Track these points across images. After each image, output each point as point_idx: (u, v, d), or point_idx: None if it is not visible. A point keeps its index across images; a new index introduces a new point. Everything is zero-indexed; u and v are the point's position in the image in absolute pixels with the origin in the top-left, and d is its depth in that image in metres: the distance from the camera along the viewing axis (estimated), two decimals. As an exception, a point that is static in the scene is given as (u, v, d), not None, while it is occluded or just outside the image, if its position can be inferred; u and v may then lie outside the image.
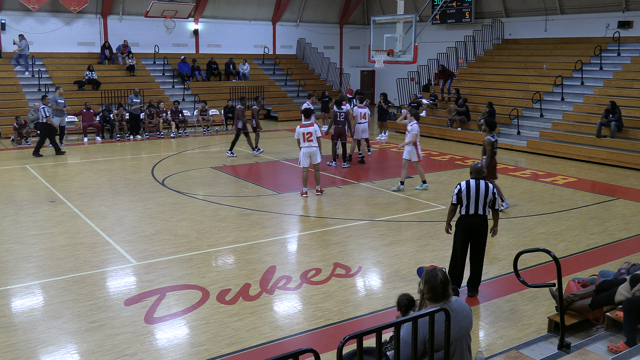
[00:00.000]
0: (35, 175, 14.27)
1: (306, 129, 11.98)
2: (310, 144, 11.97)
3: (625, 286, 5.76)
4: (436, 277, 3.97)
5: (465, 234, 7.13)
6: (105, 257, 8.63)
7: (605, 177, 14.65)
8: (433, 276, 3.98)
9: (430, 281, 3.97)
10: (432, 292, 3.96)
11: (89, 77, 23.28)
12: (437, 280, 3.96)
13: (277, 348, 5.97)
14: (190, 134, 21.74)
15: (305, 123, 12.07)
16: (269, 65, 29.13)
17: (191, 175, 14.51)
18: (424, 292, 4.02)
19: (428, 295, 3.98)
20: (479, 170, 7.14)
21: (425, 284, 3.99)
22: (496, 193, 7.14)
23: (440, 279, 3.97)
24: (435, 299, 3.95)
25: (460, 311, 4.03)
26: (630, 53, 20.21)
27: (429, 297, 3.98)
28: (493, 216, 7.29)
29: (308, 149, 11.99)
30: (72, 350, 5.92)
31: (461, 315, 4.02)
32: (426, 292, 3.99)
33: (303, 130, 11.98)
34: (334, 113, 15.27)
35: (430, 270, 4.05)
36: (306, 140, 11.96)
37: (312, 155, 12.04)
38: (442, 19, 26.91)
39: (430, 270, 4.07)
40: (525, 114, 19.96)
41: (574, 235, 9.82)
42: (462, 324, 4.01)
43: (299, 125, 12.12)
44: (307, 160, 12.06)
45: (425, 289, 3.99)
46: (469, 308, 4.20)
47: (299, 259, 8.80)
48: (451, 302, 3.99)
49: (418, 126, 12.61)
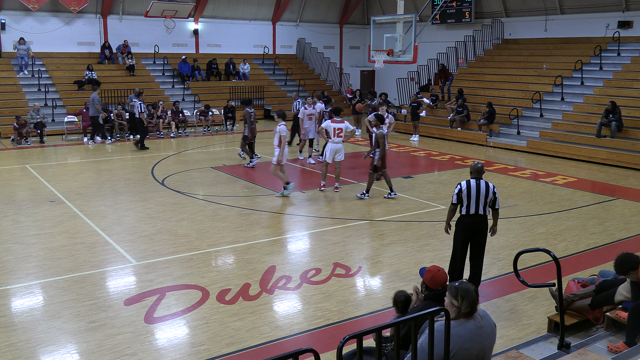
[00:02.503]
0: (35, 175, 14.27)
1: (337, 125, 12.40)
2: (339, 140, 12.41)
3: (625, 286, 5.76)
4: (470, 291, 3.79)
5: (466, 233, 7.12)
6: (105, 257, 8.63)
7: (605, 177, 14.65)
8: (467, 290, 3.79)
9: (469, 296, 3.76)
10: (471, 306, 3.77)
11: (89, 77, 23.28)
12: (473, 294, 3.79)
13: (277, 348, 5.98)
14: (190, 134, 21.74)
15: (337, 119, 12.49)
16: (269, 65, 29.13)
17: (191, 175, 14.51)
18: (460, 308, 3.78)
19: (467, 309, 3.77)
20: (479, 170, 7.13)
21: (463, 299, 3.76)
22: (496, 193, 7.14)
23: (475, 289, 3.81)
24: (472, 313, 3.77)
25: (487, 328, 3.88)
26: (630, 53, 20.21)
27: (468, 311, 3.77)
28: (493, 216, 7.28)
29: (336, 144, 12.40)
30: (72, 350, 5.92)
31: (486, 333, 3.87)
32: (464, 307, 3.77)
33: (335, 125, 12.39)
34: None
35: (463, 286, 3.83)
36: (336, 136, 12.38)
37: (338, 151, 12.43)
38: (442, 19, 26.91)
39: (460, 285, 3.84)
40: (525, 114, 19.96)
41: (574, 235, 9.83)
42: (487, 343, 3.86)
43: (329, 120, 12.56)
44: (332, 155, 12.42)
45: (464, 305, 3.76)
46: (494, 324, 4.03)
47: (298, 259, 8.80)
48: (480, 317, 3.84)
49: (285, 127, 12.00)
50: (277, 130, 12.04)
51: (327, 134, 12.44)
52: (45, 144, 19.12)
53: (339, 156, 12.49)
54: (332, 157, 12.46)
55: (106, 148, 18.74)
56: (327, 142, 12.53)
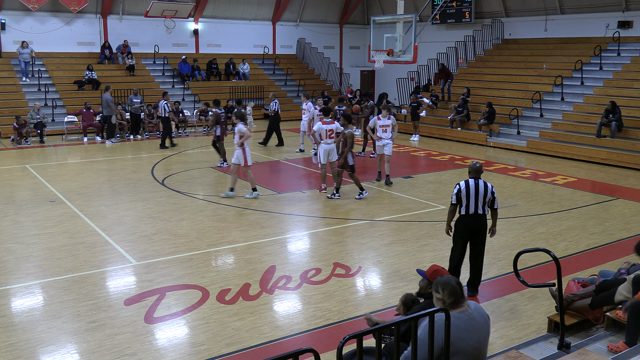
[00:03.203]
0: (35, 175, 14.27)
1: (328, 126, 12.35)
2: (331, 141, 12.37)
3: (625, 286, 5.75)
4: (450, 282, 3.86)
5: (465, 233, 7.13)
6: (105, 257, 8.63)
7: (605, 177, 14.65)
8: (447, 282, 3.86)
9: (448, 287, 3.83)
10: (454, 295, 3.82)
11: (89, 77, 23.28)
12: (453, 282, 3.84)
13: (277, 348, 5.97)
14: (190, 134, 21.74)
15: (327, 120, 12.45)
16: (269, 65, 29.13)
17: (191, 175, 14.51)
18: (444, 300, 3.84)
19: (450, 300, 3.82)
20: (477, 170, 7.13)
21: (444, 290, 3.83)
22: (495, 192, 7.14)
23: (455, 280, 3.88)
24: (457, 301, 3.81)
25: (479, 318, 3.90)
26: (630, 53, 20.21)
27: (451, 302, 3.82)
28: (492, 216, 7.27)
29: (329, 145, 12.37)
30: (72, 350, 5.92)
31: (480, 323, 3.89)
32: (447, 298, 3.82)
33: (326, 127, 12.33)
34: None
35: (442, 278, 3.92)
36: (328, 137, 12.35)
37: (330, 152, 12.39)
38: (442, 19, 26.90)
39: (440, 278, 3.94)
40: (525, 114, 19.96)
41: (574, 235, 9.83)
42: (482, 333, 3.89)
43: (320, 122, 12.47)
44: (325, 156, 12.41)
45: (446, 296, 3.82)
46: (487, 315, 4.06)
47: (299, 258, 8.80)
48: (471, 309, 3.87)
49: (244, 127, 11.75)
50: (236, 131, 11.82)
51: (320, 137, 12.39)
52: (45, 144, 19.12)
53: (332, 157, 12.41)
54: (326, 158, 12.43)
55: (106, 148, 18.73)
56: (320, 143, 12.46)
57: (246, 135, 11.73)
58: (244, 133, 11.72)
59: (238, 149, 11.79)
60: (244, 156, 11.78)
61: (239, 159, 11.85)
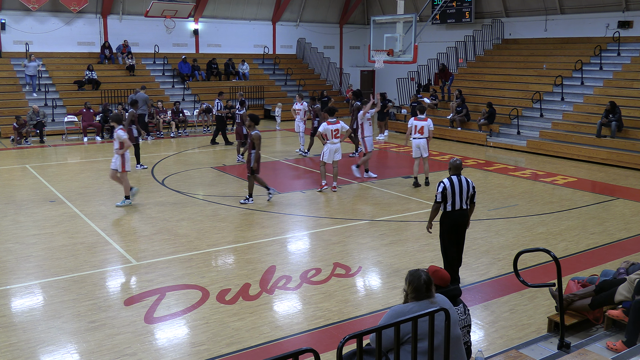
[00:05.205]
0: (35, 175, 14.27)
1: (334, 126, 12.50)
2: (337, 141, 12.53)
3: (625, 286, 5.76)
4: (420, 277, 4.10)
5: (451, 228, 7.41)
6: (105, 257, 8.63)
7: (605, 177, 14.65)
8: (417, 277, 4.12)
9: (414, 282, 4.11)
10: (416, 292, 4.09)
11: (89, 77, 23.28)
12: (420, 280, 4.08)
13: (277, 348, 5.98)
14: (190, 133, 21.73)
15: (332, 120, 12.58)
16: (269, 65, 29.13)
17: (191, 175, 14.51)
18: (407, 292, 4.16)
19: (412, 294, 4.12)
20: (457, 167, 7.40)
21: (410, 284, 4.13)
22: (475, 187, 7.43)
23: (424, 279, 4.10)
24: (419, 297, 4.08)
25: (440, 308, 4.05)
26: (630, 53, 20.21)
27: (413, 296, 4.11)
28: (470, 209, 7.51)
29: (335, 145, 12.51)
30: (72, 350, 5.92)
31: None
32: (410, 292, 4.14)
33: (331, 127, 12.48)
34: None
35: (414, 271, 4.18)
36: (334, 137, 12.49)
37: (336, 151, 12.54)
38: (442, 19, 26.91)
39: (413, 271, 4.19)
40: (525, 114, 19.96)
41: (574, 235, 9.83)
42: (442, 323, 3.98)
43: (325, 122, 12.61)
44: (331, 156, 12.52)
45: (410, 289, 4.13)
46: (452, 306, 4.28)
47: (299, 258, 8.80)
48: (436, 301, 4.09)
49: (123, 132, 11.25)
50: (116, 137, 11.18)
51: (325, 137, 12.56)
52: (45, 144, 19.13)
53: (337, 156, 12.59)
54: (331, 158, 12.56)
55: (106, 148, 18.72)
56: (326, 143, 12.60)
57: (126, 144, 11.15)
58: (124, 141, 11.11)
59: (117, 155, 11.16)
60: (122, 162, 11.16)
61: (116, 165, 11.23)
